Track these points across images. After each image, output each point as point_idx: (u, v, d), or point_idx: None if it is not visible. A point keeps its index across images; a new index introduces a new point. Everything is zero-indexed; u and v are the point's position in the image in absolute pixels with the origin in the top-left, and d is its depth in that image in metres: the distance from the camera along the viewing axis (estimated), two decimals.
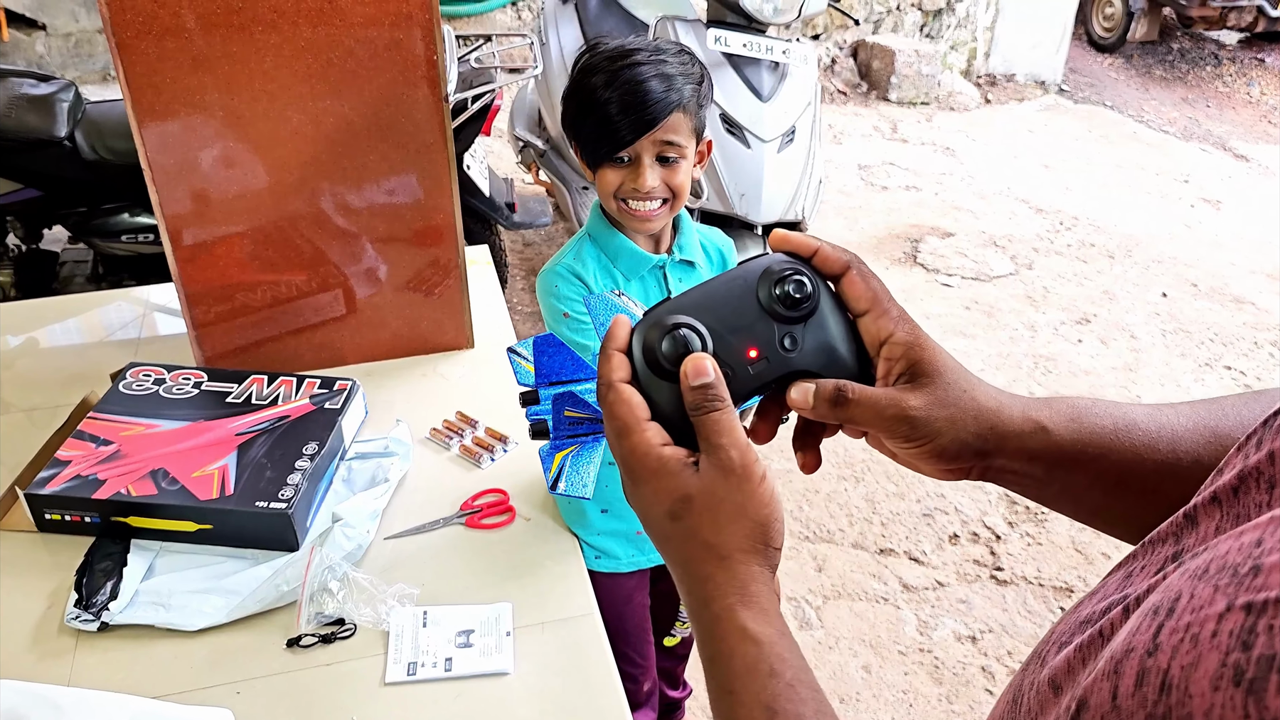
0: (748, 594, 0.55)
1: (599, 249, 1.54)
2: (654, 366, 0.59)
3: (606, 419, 0.59)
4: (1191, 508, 0.45)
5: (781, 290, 0.61)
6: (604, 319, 0.74)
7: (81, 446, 1.50)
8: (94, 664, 1.27)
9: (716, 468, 0.56)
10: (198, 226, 1.66)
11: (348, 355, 1.85)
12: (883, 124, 6.33)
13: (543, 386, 0.74)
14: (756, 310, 0.61)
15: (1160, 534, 0.46)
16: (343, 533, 1.40)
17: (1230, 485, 0.43)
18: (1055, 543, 2.93)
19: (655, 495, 0.57)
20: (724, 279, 0.63)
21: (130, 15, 1.47)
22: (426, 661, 1.27)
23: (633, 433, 0.57)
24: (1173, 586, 0.37)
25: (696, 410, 0.57)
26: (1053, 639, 0.47)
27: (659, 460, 0.57)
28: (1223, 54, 8.26)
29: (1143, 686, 0.35)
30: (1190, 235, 5.08)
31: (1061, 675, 0.42)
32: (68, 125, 2.66)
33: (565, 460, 0.72)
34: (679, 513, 0.56)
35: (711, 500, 0.56)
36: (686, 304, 0.61)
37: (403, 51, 1.59)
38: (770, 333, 0.61)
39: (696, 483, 0.56)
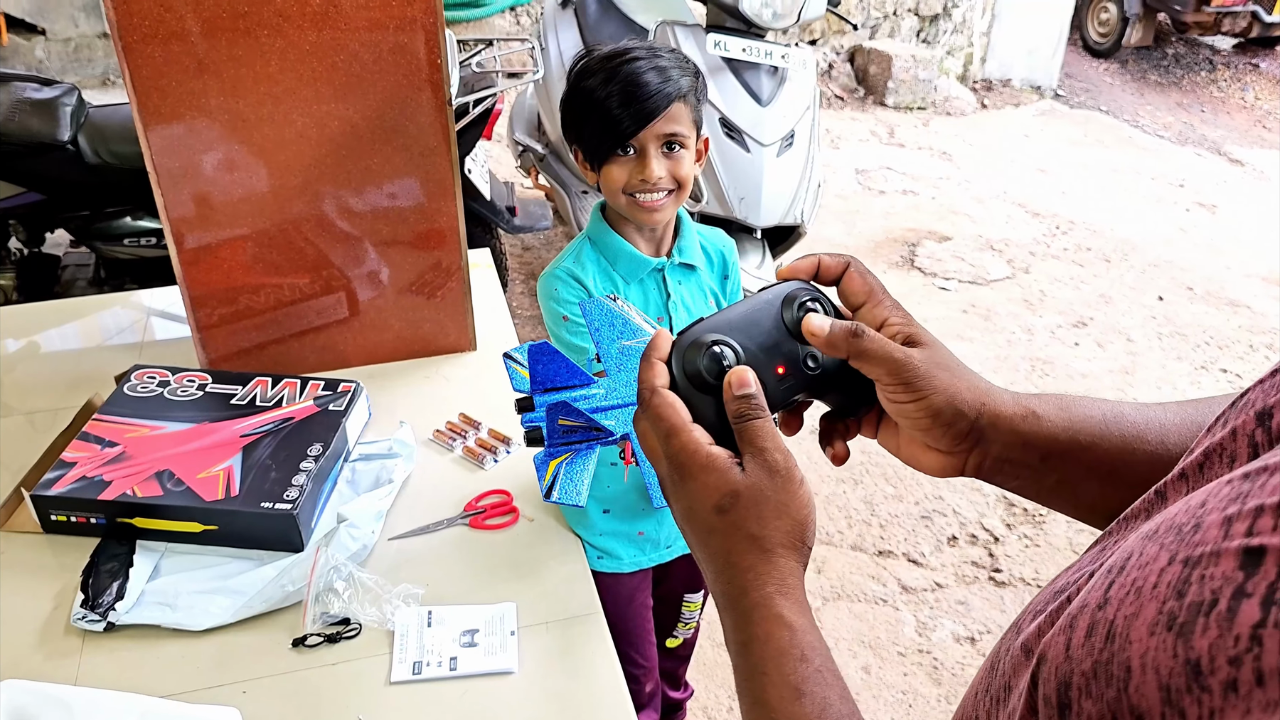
0: (785, 585, 0.58)
1: (598, 252, 1.55)
2: (694, 379, 0.63)
3: (652, 421, 0.62)
4: (1162, 485, 0.47)
5: (804, 313, 0.66)
6: (600, 324, 0.76)
7: (87, 448, 1.51)
8: (101, 664, 1.28)
9: (763, 468, 0.60)
10: (202, 229, 1.67)
11: (351, 358, 1.86)
12: (880, 129, 6.35)
13: (537, 393, 0.76)
14: (782, 332, 0.66)
15: (1134, 510, 0.48)
16: (348, 533, 1.41)
17: (1196, 462, 0.45)
18: (1053, 544, 2.94)
19: (704, 489, 0.60)
20: (750, 303, 0.67)
21: (136, 19, 1.48)
22: (432, 661, 1.28)
23: (681, 432, 0.61)
24: (1127, 548, 0.40)
25: (740, 418, 0.61)
26: (1029, 609, 0.49)
27: (708, 457, 0.60)
28: (1217, 59, 8.30)
29: (1091, 637, 0.37)
30: (1186, 239, 5.10)
31: (1031, 639, 0.44)
32: (71, 129, 2.67)
33: (559, 468, 0.74)
34: (726, 506, 0.59)
35: (758, 496, 0.59)
36: (719, 324, 0.65)
37: (406, 55, 1.60)
38: (795, 352, 0.66)
39: (744, 480, 0.59)
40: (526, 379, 0.77)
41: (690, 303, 1.58)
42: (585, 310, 0.78)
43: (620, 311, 0.77)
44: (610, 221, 1.55)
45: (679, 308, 1.56)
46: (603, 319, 0.78)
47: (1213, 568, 0.34)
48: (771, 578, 0.59)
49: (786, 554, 0.59)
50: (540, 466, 0.74)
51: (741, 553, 0.59)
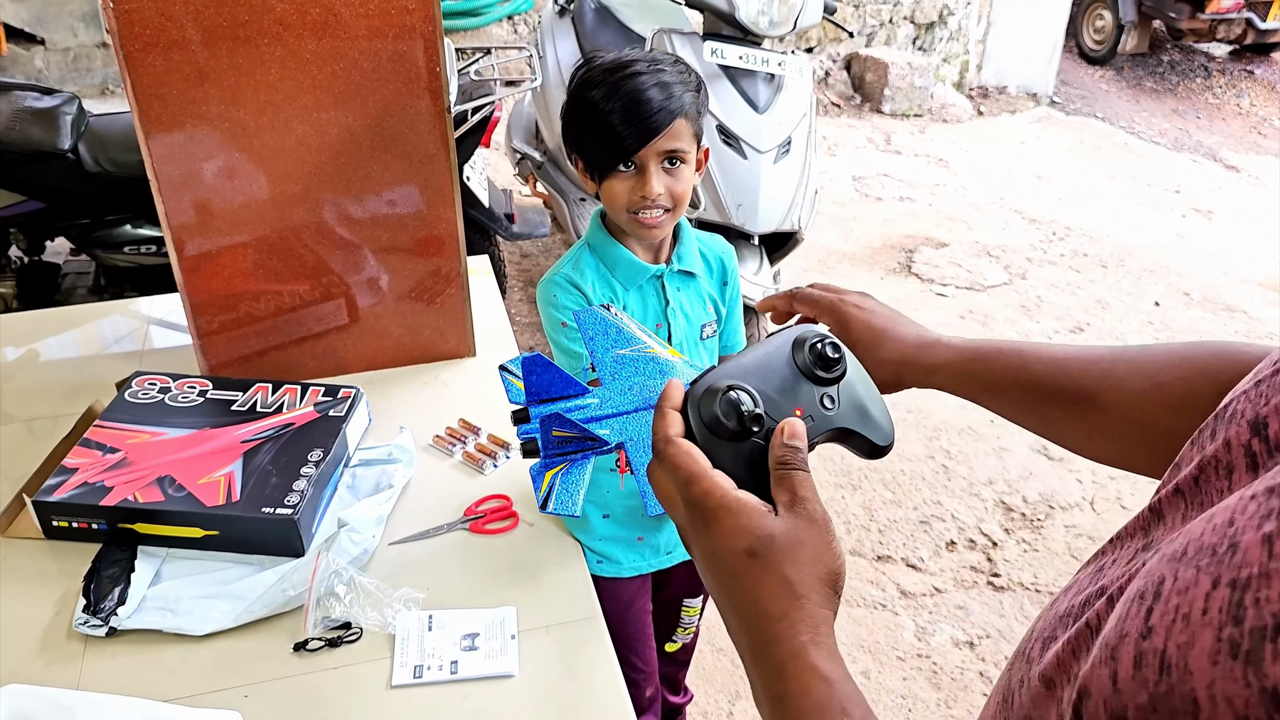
0: (819, 634, 0.56)
1: (598, 259, 1.55)
2: (711, 426, 0.62)
3: (668, 470, 0.61)
4: (1156, 502, 0.47)
5: (815, 354, 0.67)
6: (594, 333, 0.76)
7: (88, 454, 1.52)
8: (102, 668, 1.28)
9: (800, 516, 0.59)
10: (202, 237, 1.68)
11: (351, 364, 1.87)
12: (876, 136, 6.37)
13: (533, 405, 0.76)
14: (795, 374, 0.67)
15: (1128, 529, 0.48)
16: (349, 538, 1.41)
17: (1191, 476, 0.45)
18: (1051, 549, 2.95)
19: (734, 532, 0.58)
20: (760, 349, 0.68)
21: (138, 28, 1.49)
22: (432, 664, 1.29)
23: (703, 478, 0.59)
24: (1154, 572, 0.39)
25: (784, 465, 0.60)
26: (1034, 636, 0.48)
27: (738, 501, 0.59)
28: (1212, 66, 8.33)
29: (1141, 668, 0.36)
30: (1182, 245, 5.12)
31: (1052, 670, 0.44)
32: (71, 138, 2.68)
33: (555, 479, 0.74)
34: (759, 550, 0.57)
35: (795, 540, 0.58)
36: (733, 370, 0.65)
37: (405, 63, 1.61)
38: (811, 394, 0.67)
39: (780, 525, 0.58)
40: (521, 390, 0.77)
41: (689, 309, 1.59)
42: (579, 320, 0.78)
43: (614, 321, 0.78)
44: (610, 229, 1.55)
45: (677, 314, 1.57)
46: (597, 328, 0.78)
47: (1266, 590, 0.33)
48: (805, 625, 0.56)
49: (820, 601, 0.57)
50: (536, 478, 0.74)
51: (774, 598, 0.57)
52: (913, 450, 3.33)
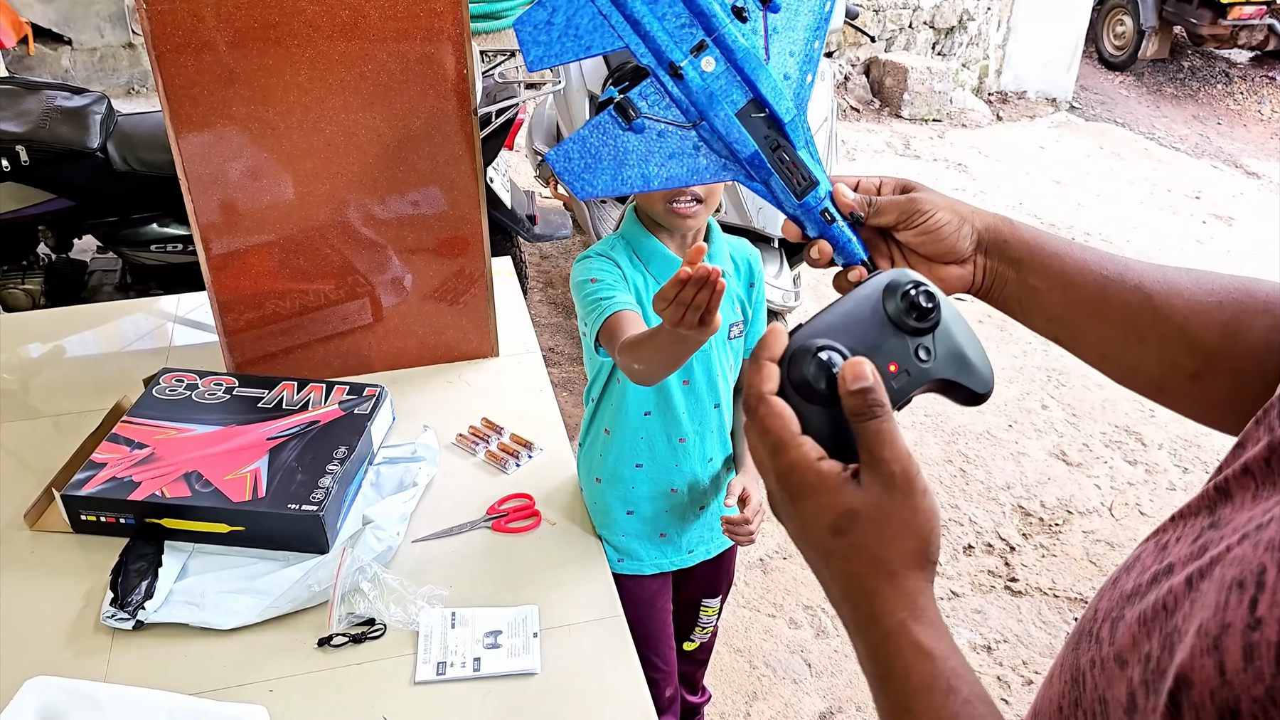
0: (917, 608, 0.54)
1: (631, 250, 1.56)
2: (801, 390, 0.58)
3: (757, 434, 0.58)
4: (1223, 480, 0.46)
5: (908, 303, 0.62)
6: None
7: (116, 450, 1.54)
8: (129, 661, 1.30)
9: (880, 483, 0.55)
10: (230, 235, 1.70)
11: (375, 362, 1.88)
12: (895, 140, 6.36)
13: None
14: (888, 326, 0.62)
15: (1191, 507, 0.48)
16: (373, 535, 1.42)
17: (1261, 457, 0.45)
18: (1069, 554, 2.94)
19: (818, 510, 0.56)
20: (849, 300, 0.63)
21: (169, 30, 1.50)
22: (455, 661, 1.30)
23: (789, 447, 0.57)
24: (1249, 559, 0.39)
25: (858, 417, 0.56)
26: (1100, 616, 0.48)
27: (819, 475, 0.56)
28: (1234, 72, 8.28)
29: (1254, 660, 0.36)
30: (1202, 251, 5.09)
31: (1127, 650, 0.43)
32: (100, 137, 2.71)
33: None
34: (844, 528, 0.55)
35: (878, 515, 0.55)
36: (822, 328, 0.61)
37: (433, 66, 1.63)
38: (904, 346, 0.62)
39: (861, 497, 0.55)
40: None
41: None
42: None
43: None
44: (644, 222, 1.56)
45: None
46: None
47: None
48: (902, 603, 0.54)
49: (914, 574, 0.55)
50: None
51: (866, 576, 0.55)
52: (930, 454, 3.33)
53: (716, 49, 0.70)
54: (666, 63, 0.69)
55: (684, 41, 0.69)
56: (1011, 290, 0.75)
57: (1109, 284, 0.72)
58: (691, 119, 0.71)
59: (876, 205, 0.74)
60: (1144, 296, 0.71)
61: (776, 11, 0.72)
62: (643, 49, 0.70)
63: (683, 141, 0.72)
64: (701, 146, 0.72)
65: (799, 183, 0.72)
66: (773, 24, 0.72)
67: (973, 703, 0.52)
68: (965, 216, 0.75)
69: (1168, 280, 0.72)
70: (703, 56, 0.70)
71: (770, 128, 0.71)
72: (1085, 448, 3.43)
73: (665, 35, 0.69)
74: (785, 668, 2.48)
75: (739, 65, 0.70)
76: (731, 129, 0.70)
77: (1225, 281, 0.71)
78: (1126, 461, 3.38)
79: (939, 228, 0.74)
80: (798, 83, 0.72)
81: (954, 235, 0.74)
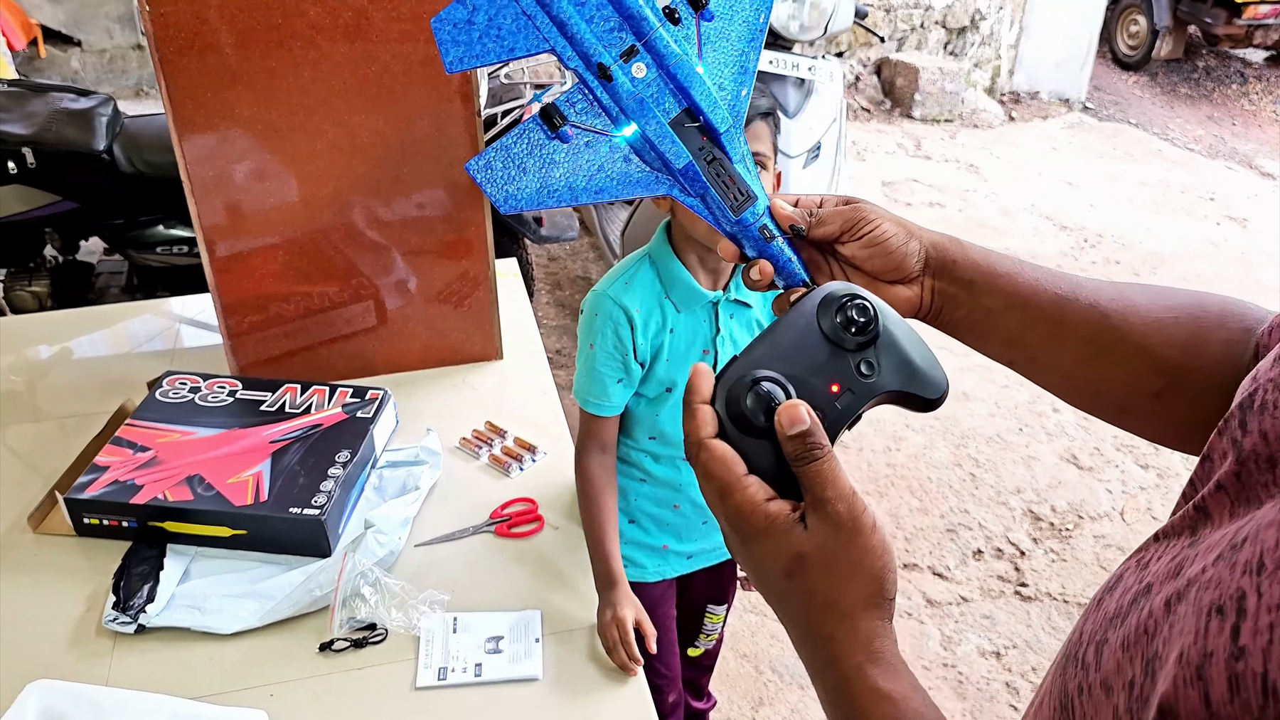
0: (872, 650, 0.54)
1: (656, 274, 1.51)
2: (741, 425, 0.57)
3: (702, 479, 0.57)
4: (1201, 500, 0.46)
5: (844, 318, 0.60)
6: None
7: (119, 453, 1.53)
8: (131, 665, 1.30)
9: (825, 523, 0.54)
10: (234, 238, 1.69)
11: (379, 365, 1.88)
12: (906, 141, 6.34)
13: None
14: (825, 345, 0.60)
15: (1173, 527, 0.47)
16: (375, 539, 1.42)
17: (1232, 472, 0.44)
18: (1080, 559, 2.92)
19: (767, 555, 0.55)
20: (783, 324, 0.61)
21: (173, 31, 1.50)
22: (457, 667, 1.29)
23: (734, 491, 0.55)
24: (1226, 583, 0.38)
25: (798, 460, 0.55)
26: (1085, 639, 0.47)
27: (766, 518, 0.55)
28: (1249, 72, 8.23)
29: (1240, 693, 0.35)
30: (1216, 253, 5.06)
31: (1112, 676, 0.43)
32: (106, 139, 2.71)
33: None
34: (793, 572, 0.55)
35: (826, 557, 0.54)
36: (758, 357, 0.60)
37: (437, 67, 1.62)
38: (845, 364, 0.60)
39: (807, 541, 0.54)
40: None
41: (737, 339, 1.55)
42: None
43: None
44: (674, 246, 1.51)
45: (726, 343, 1.54)
46: None
47: None
48: (857, 646, 0.54)
49: (868, 615, 0.54)
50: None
51: (819, 623, 0.55)
52: (940, 458, 3.31)
53: (648, 54, 0.67)
54: (594, 65, 0.66)
55: (613, 46, 0.66)
56: (964, 313, 0.71)
57: (1065, 303, 0.70)
58: (621, 128, 0.68)
59: (818, 216, 0.71)
60: (1101, 315, 0.69)
61: (710, 20, 0.68)
62: (569, 52, 0.67)
63: (612, 152, 0.68)
64: (632, 158, 0.69)
65: (735, 197, 0.69)
66: (706, 33, 0.69)
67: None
68: (912, 232, 0.71)
69: (1124, 298, 0.70)
70: (633, 62, 0.67)
71: (705, 138, 0.68)
72: (1096, 452, 3.41)
73: (593, 37, 0.66)
74: (792, 673, 2.47)
75: (672, 72, 0.67)
76: (664, 138, 0.67)
77: (1179, 297, 0.70)
78: (1138, 466, 3.35)
79: (885, 239, 0.69)
80: (732, 95, 0.69)
81: (901, 249, 0.70)
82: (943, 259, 0.71)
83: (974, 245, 0.72)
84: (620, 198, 0.70)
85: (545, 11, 0.66)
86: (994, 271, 0.70)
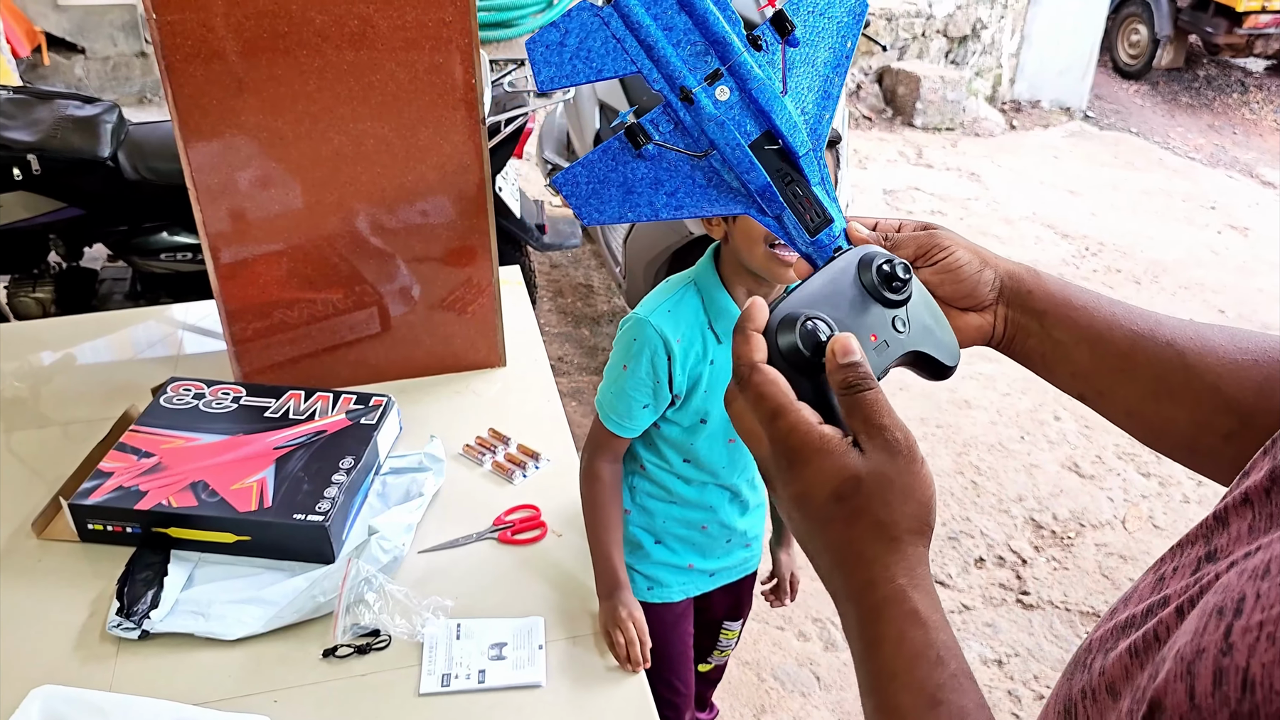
0: (915, 575, 0.55)
1: (701, 303, 1.47)
2: (790, 359, 0.59)
3: (753, 400, 0.57)
4: (1222, 509, 0.46)
5: (883, 275, 0.63)
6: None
7: (123, 458, 1.54)
8: (135, 671, 1.30)
9: (883, 449, 0.55)
10: (238, 244, 1.70)
11: (382, 372, 1.88)
12: (908, 149, 6.35)
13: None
14: (865, 298, 0.63)
15: (1190, 536, 0.47)
16: (378, 545, 1.42)
17: (1262, 486, 0.44)
18: (1081, 567, 2.92)
19: (819, 475, 0.55)
20: (825, 275, 0.64)
21: (179, 39, 1.51)
22: (460, 673, 1.29)
23: (789, 411, 0.56)
24: (1232, 587, 0.38)
25: (849, 389, 0.56)
26: (1094, 646, 0.48)
27: (821, 439, 0.55)
28: (1249, 81, 8.24)
29: (1222, 686, 0.35)
30: (1217, 261, 5.06)
31: (1119, 681, 0.43)
32: (111, 146, 2.72)
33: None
34: (846, 494, 0.55)
35: (882, 480, 0.55)
36: (805, 299, 0.62)
37: (442, 75, 1.63)
38: (882, 317, 0.63)
39: (864, 464, 0.55)
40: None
41: None
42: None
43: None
44: (723, 274, 1.47)
45: None
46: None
47: None
48: (901, 569, 0.54)
49: (915, 540, 0.55)
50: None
51: (867, 542, 0.55)
52: (942, 465, 3.31)
53: (731, 78, 0.68)
54: (679, 88, 0.68)
55: (698, 70, 0.68)
56: (1035, 343, 0.72)
57: (1139, 339, 0.69)
58: (703, 148, 0.70)
59: (893, 240, 0.71)
60: (1176, 353, 0.68)
61: (795, 46, 0.70)
62: (655, 74, 0.68)
63: (693, 171, 0.70)
64: (713, 177, 0.70)
65: (812, 219, 0.70)
66: (791, 58, 0.70)
67: (959, 678, 0.52)
68: (987, 260, 0.71)
69: (1201, 337, 0.69)
70: (717, 85, 0.68)
71: (783, 161, 0.69)
72: (1098, 460, 3.41)
73: (679, 61, 0.68)
74: (794, 681, 2.47)
75: (754, 96, 0.68)
76: (743, 159, 0.68)
77: (1261, 340, 0.69)
78: (1140, 474, 3.35)
79: (959, 266, 0.70)
80: (814, 118, 0.71)
81: (974, 277, 0.70)
82: (1018, 288, 0.71)
83: (1053, 277, 0.72)
84: (700, 215, 0.72)
85: (634, 36, 0.68)
86: (1069, 304, 0.71)
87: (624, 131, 0.70)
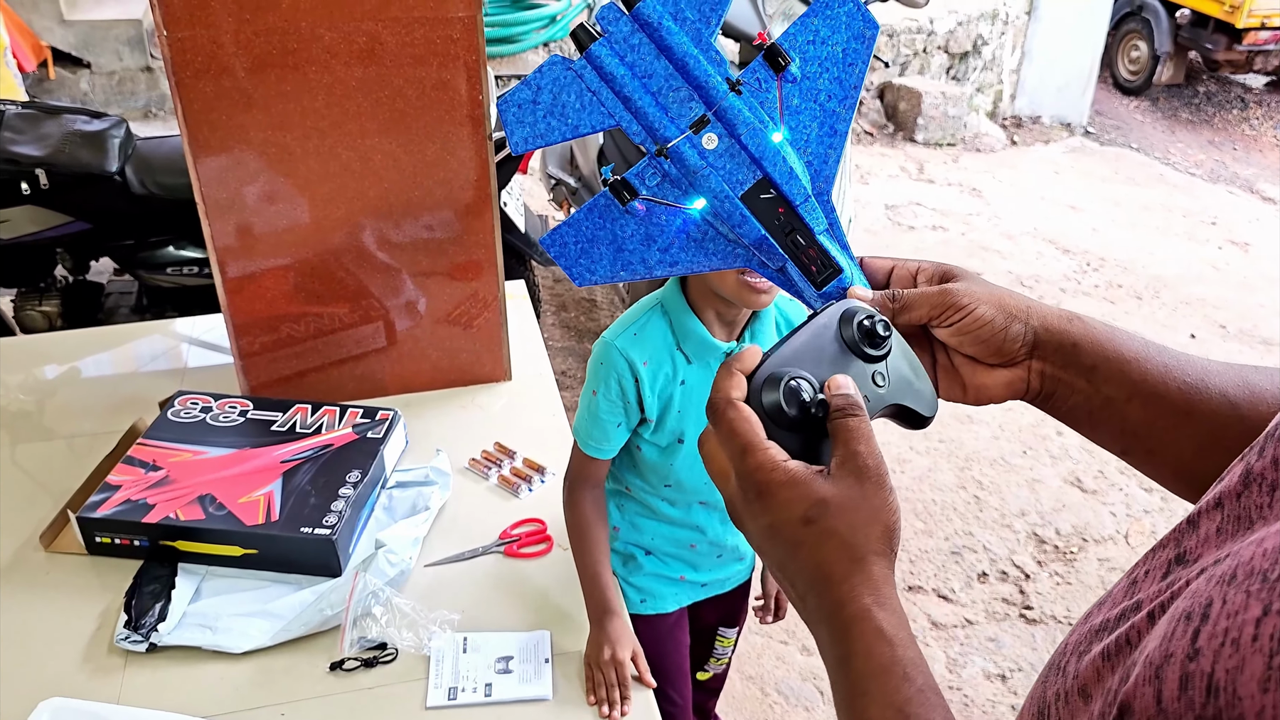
0: (880, 595, 0.56)
1: (669, 325, 1.45)
2: (774, 418, 0.59)
3: (724, 436, 0.59)
4: (1195, 512, 0.47)
5: (863, 331, 0.63)
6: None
7: (131, 472, 1.54)
8: (142, 683, 1.30)
9: (853, 473, 0.57)
10: (246, 259, 1.71)
11: (389, 386, 1.89)
12: (909, 164, 6.37)
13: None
14: (846, 354, 0.63)
15: (1164, 540, 0.48)
16: (385, 559, 1.42)
17: (1234, 490, 0.45)
18: (1084, 582, 2.92)
19: (788, 504, 0.57)
20: (806, 331, 0.63)
21: (189, 56, 1.52)
22: (467, 686, 1.29)
23: (757, 449, 0.58)
24: (1200, 593, 0.39)
25: (839, 413, 0.58)
26: (1068, 650, 0.48)
27: (788, 472, 0.57)
28: (1249, 97, 8.27)
29: (1188, 690, 0.36)
30: (1218, 277, 5.07)
31: (1091, 684, 0.44)
32: (119, 161, 2.73)
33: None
34: (814, 516, 0.57)
35: (848, 503, 0.57)
36: (787, 357, 0.61)
37: (449, 91, 1.64)
38: (862, 372, 0.63)
39: (831, 488, 0.57)
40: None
41: None
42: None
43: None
44: (688, 297, 1.44)
45: None
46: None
47: None
48: (867, 588, 0.56)
49: (879, 561, 0.57)
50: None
51: (835, 563, 0.57)
52: (944, 480, 3.31)
53: (719, 124, 0.65)
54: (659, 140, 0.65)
55: (682, 117, 0.65)
56: (1079, 400, 0.67)
57: (1192, 393, 0.65)
58: (693, 200, 0.66)
59: (903, 300, 0.67)
60: (1230, 405, 0.65)
61: (793, 81, 0.66)
62: (635, 127, 0.65)
63: (685, 225, 0.67)
64: (707, 230, 0.67)
65: (818, 270, 0.67)
66: (789, 94, 0.67)
67: (925, 693, 0.53)
68: (1015, 313, 0.67)
69: (1248, 384, 0.66)
70: (704, 133, 0.65)
71: (783, 210, 0.66)
72: (1100, 474, 3.41)
73: (657, 111, 0.65)
74: (797, 695, 2.47)
75: (743, 142, 0.65)
76: (733, 212, 0.65)
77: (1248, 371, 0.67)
78: (1142, 488, 3.35)
79: (980, 326, 0.66)
80: (819, 158, 0.67)
81: (998, 335, 0.66)
82: (1059, 342, 0.67)
83: (1097, 323, 0.68)
84: (696, 271, 0.69)
85: (609, 87, 0.65)
86: (1121, 356, 0.66)
87: (609, 187, 0.67)
